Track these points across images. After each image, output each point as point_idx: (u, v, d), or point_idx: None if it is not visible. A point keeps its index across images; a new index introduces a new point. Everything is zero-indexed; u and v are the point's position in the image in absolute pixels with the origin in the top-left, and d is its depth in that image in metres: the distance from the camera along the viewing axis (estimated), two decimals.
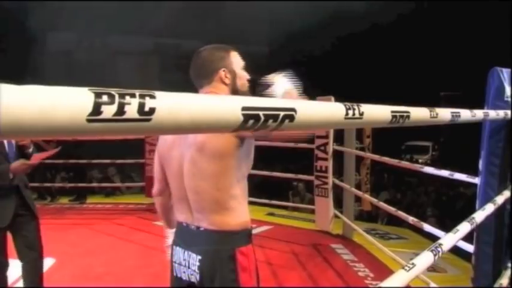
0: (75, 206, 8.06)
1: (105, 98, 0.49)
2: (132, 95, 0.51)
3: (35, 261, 3.59)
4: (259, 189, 8.73)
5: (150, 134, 0.57)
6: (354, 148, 6.11)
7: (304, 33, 18.55)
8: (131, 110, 0.50)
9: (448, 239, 1.64)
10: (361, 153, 6.19)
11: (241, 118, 0.62)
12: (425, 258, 1.45)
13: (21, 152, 3.51)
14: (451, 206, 9.08)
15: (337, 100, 1.41)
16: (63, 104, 0.46)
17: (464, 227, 1.79)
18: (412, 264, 1.35)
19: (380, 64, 22.62)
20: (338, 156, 6.38)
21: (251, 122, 0.64)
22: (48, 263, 4.81)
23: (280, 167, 11.32)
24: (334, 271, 4.86)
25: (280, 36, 18.91)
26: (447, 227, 3.76)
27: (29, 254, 3.52)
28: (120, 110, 0.49)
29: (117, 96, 0.50)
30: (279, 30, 18.45)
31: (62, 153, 7.61)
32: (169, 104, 0.54)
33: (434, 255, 1.47)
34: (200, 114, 0.57)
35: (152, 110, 0.52)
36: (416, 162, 16.82)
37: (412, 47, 22.78)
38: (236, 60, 1.94)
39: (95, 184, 9.58)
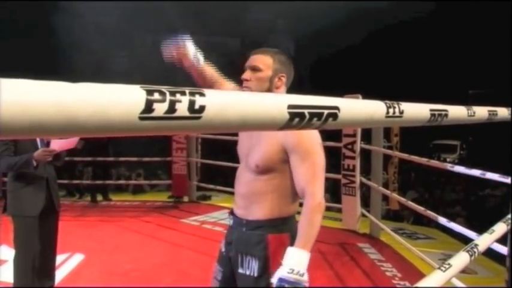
0: (103, 203, 8.15)
1: (156, 95, 0.49)
2: (183, 93, 0.51)
3: (50, 251, 3.71)
4: None
5: (200, 132, 0.57)
6: (382, 147, 6.06)
7: (331, 29, 18.43)
8: (182, 107, 0.50)
9: (484, 240, 1.61)
10: (389, 151, 6.13)
11: (287, 116, 0.62)
12: (461, 259, 1.42)
13: (48, 145, 3.61)
14: (480, 206, 8.95)
15: (364, 98, 1.40)
16: (117, 102, 0.46)
17: (500, 228, 1.76)
18: (448, 264, 1.33)
19: (407, 61, 22.36)
20: (365, 155, 6.33)
21: (296, 120, 0.63)
22: (77, 258, 4.90)
23: None
24: (361, 270, 4.83)
25: (307, 32, 18.85)
26: (476, 228, 3.71)
27: (46, 242, 3.62)
28: (171, 108, 0.49)
29: (168, 94, 0.50)
30: (306, 25, 18.39)
31: (90, 150, 7.77)
32: (218, 102, 0.54)
33: (470, 255, 1.44)
34: (248, 112, 0.57)
35: (202, 108, 0.52)
36: (444, 161, 16.60)
37: (439, 44, 22.49)
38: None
39: (122, 181, 9.68)
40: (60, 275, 4.41)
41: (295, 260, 1.82)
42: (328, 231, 6.17)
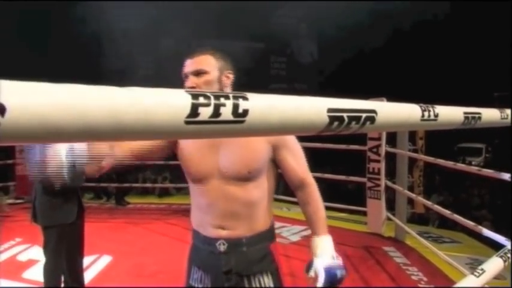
0: (129, 207, 8.22)
1: (201, 99, 0.49)
2: (226, 97, 0.51)
3: (78, 252, 3.76)
4: None
5: (243, 136, 0.58)
6: (407, 150, 6.01)
7: (354, 32, 18.37)
8: (226, 111, 0.51)
9: None
10: (415, 155, 6.08)
11: (327, 120, 0.62)
12: (495, 264, 1.41)
13: None
14: (506, 210, 8.80)
15: (388, 101, 1.39)
16: (163, 106, 0.47)
17: None
18: (482, 270, 1.32)
19: (430, 64, 22.15)
20: (390, 158, 6.29)
21: (336, 123, 0.63)
22: (105, 260, 4.96)
23: (330, 168, 11.23)
24: (386, 274, 4.80)
25: (330, 35, 18.82)
26: (502, 232, 3.64)
27: (75, 244, 3.67)
28: (216, 112, 0.50)
29: (212, 98, 0.50)
30: (329, 29, 18.36)
31: None
32: (260, 106, 0.54)
33: (504, 261, 1.43)
34: (289, 116, 0.58)
35: (245, 112, 0.52)
36: (469, 164, 16.37)
37: (463, 46, 22.23)
38: None
39: (148, 185, 9.77)
40: (88, 276, 4.47)
41: (329, 246, 1.85)
42: (354, 234, 6.15)
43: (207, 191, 1.89)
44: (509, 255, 1.45)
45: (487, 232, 3.68)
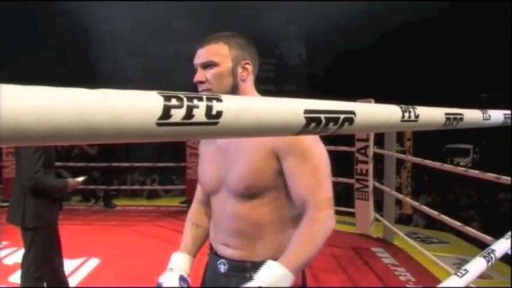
0: (118, 209, 8.19)
1: (174, 101, 0.49)
2: (200, 99, 0.51)
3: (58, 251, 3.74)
4: None
5: (217, 137, 0.57)
6: (395, 151, 6.04)
7: (343, 34, 18.42)
8: (199, 113, 0.50)
9: (501, 245, 1.60)
10: (402, 156, 6.10)
11: (304, 121, 0.62)
12: (478, 265, 1.41)
13: (59, 152, 3.69)
14: (494, 211, 8.87)
15: (376, 102, 1.39)
16: (134, 108, 0.47)
17: None
18: (465, 270, 1.32)
19: (419, 65, 22.25)
20: (378, 159, 6.31)
21: (313, 125, 0.63)
22: (93, 263, 4.93)
23: None
24: (375, 275, 4.81)
25: (319, 37, 18.87)
26: (490, 232, 3.67)
27: (57, 244, 3.66)
28: (189, 114, 0.49)
29: (185, 100, 0.50)
30: (318, 31, 18.39)
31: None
32: (235, 107, 0.54)
33: (488, 261, 1.43)
34: (265, 117, 0.57)
35: (219, 114, 0.52)
36: (457, 165, 16.47)
37: (451, 47, 22.36)
38: None
39: (136, 187, 9.75)
40: (75, 279, 4.44)
41: (270, 279, 1.35)
42: (342, 235, 6.16)
43: (216, 203, 1.71)
44: (492, 255, 1.45)
45: (473, 232, 3.70)
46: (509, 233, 1.68)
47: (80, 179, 3.82)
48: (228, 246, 1.64)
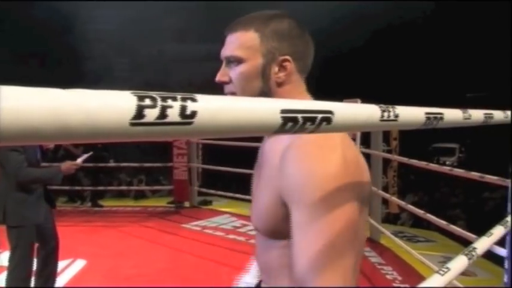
0: (105, 210, 8.16)
1: (147, 101, 0.49)
2: (174, 98, 0.51)
3: (54, 250, 3.71)
4: None
5: (191, 137, 0.57)
6: (381, 150, 6.07)
7: (331, 35, 18.49)
8: (173, 113, 0.50)
9: (482, 243, 1.62)
10: (389, 155, 6.13)
11: (280, 121, 0.62)
12: (460, 262, 1.42)
13: (44, 154, 3.68)
14: (479, 209, 8.95)
15: (363, 102, 1.39)
16: (108, 108, 0.47)
17: (498, 231, 1.76)
18: (447, 268, 1.33)
19: (405, 65, 22.38)
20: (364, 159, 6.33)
21: (290, 124, 0.63)
22: (79, 264, 4.91)
23: None
24: (361, 274, 4.82)
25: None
26: (475, 230, 3.71)
27: (50, 243, 3.64)
28: (163, 114, 0.50)
29: (159, 100, 0.50)
30: (307, 29, 18.46)
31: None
32: (210, 107, 0.54)
33: (469, 259, 1.44)
34: (240, 117, 0.57)
35: (194, 113, 0.52)
36: (443, 164, 16.59)
37: (437, 48, 22.52)
38: None
39: (123, 187, 9.71)
40: (62, 281, 4.42)
41: None
42: None
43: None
44: (473, 253, 1.47)
45: (459, 231, 3.73)
46: (490, 231, 1.70)
47: (80, 160, 3.80)
48: (263, 280, 1.32)
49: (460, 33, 21.74)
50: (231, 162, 7.49)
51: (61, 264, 4.64)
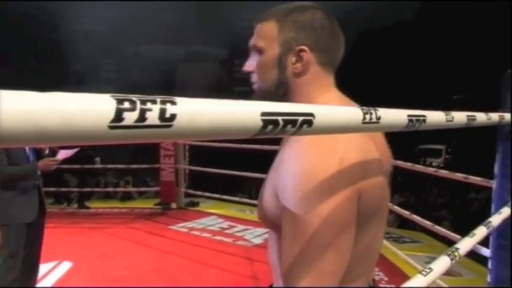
0: (91, 211, 8.12)
1: (126, 104, 0.49)
2: (153, 102, 0.51)
3: (36, 253, 3.68)
4: None
5: (171, 140, 0.58)
6: None
7: None
8: (152, 116, 0.51)
9: (465, 243, 1.63)
10: None
11: (261, 123, 0.62)
12: (442, 263, 1.44)
13: (39, 153, 3.68)
14: (465, 210, 9.02)
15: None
16: (86, 111, 0.47)
17: (481, 231, 1.78)
18: (430, 268, 1.34)
19: (389, 67, 22.51)
20: None
21: (270, 127, 0.64)
22: (65, 266, 4.88)
23: None
24: None
25: None
26: (461, 231, 3.75)
27: (33, 245, 3.61)
28: (142, 117, 0.50)
29: (138, 103, 0.50)
30: None
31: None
32: (189, 110, 0.55)
33: (451, 259, 1.46)
34: (220, 120, 0.58)
35: (173, 116, 0.52)
36: (430, 165, 16.70)
37: (423, 50, 22.66)
38: None
39: (110, 189, 9.68)
40: (47, 283, 4.39)
41: None
42: None
43: None
44: (456, 253, 1.48)
45: (444, 231, 3.77)
46: (473, 232, 1.72)
47: (60, 155, 3.76)
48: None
49: (446, 35, 21.90)
50: (218, 164, 7.49)
51: (46, 267, 4.63)
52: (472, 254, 3.73)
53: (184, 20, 16.84)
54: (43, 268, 4.44)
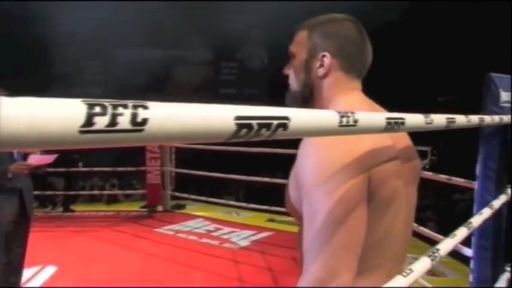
0: (76, 214, 8.07)
1: (97, 109, 0.50)
2: (125, 106, 0.52)
3: (19, 257, 3.67)
4: (259, 195, 8.76)
5: (143, 144, 0.58)
6: None
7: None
8: (124, 121, 0.51)
9: (446, 244, 1.65)
10: None
11: (234, 127, 0.63)
12: (423, 264, 1.46)
13: (26, 155, 3.67)
14: (450, 211, 9.09)
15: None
16: (56, 116, 0.47)
17: (462, 232, 1.80)
18: (410, 270, 1.36)
19: (377, 69, 22.62)
20: None
21: (244, 131, 0.64)
22: (49, 271, 4.84)
23: (282, 173, 11.31)
24: None
25: (282, 38, 18.99)
26: (446, 232, 3.78)
27: (15, 249, 3.60)
28: (113, 121, 0.50)
29: (109, 108, 0.50)
30: (281, 32, 18.52)
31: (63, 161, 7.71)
32: (161, 114, 0.55)
33: (432, 260, 1.48)
34: (192, 124, 0.58)
35: (145, 121, 0.53)
36: None
37: (408, 52, 22.82)
38: None
39: (96, 192, 9.63)
40: None
41: None
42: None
43: None
44: (437, 254, 1.50)
45: (426, 231, 3.81)
46: (454, 233, 1.74)
47: (31, 160, 3.68)
48: None
49: (433, 36, 22.07)
50: (204, 166, 7.48)
51: (30, 271, 4.59)
52: (457, 255, 3.77)
53: (170, 22, 16.80)
54: (27, 272, 4.42)
